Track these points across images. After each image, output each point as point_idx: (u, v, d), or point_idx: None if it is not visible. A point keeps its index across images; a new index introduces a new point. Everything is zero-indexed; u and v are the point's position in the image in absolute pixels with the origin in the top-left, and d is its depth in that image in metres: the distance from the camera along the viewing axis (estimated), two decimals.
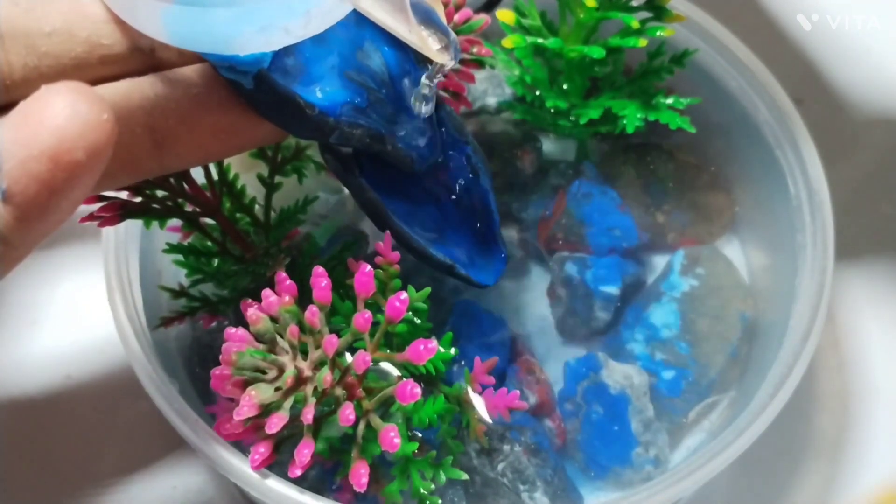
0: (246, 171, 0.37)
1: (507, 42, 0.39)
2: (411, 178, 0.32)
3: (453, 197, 0.33)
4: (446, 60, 0.27)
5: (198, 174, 0.33)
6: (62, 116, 0.20)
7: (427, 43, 0.26)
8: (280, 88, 0.26)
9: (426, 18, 0.26)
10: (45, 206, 0.20)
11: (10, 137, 0.20)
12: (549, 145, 0.43)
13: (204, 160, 0.28)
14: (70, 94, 0.20)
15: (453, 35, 0.27)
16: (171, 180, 0.31)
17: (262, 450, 0.28)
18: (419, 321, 0.32)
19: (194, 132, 0.26)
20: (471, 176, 0.33)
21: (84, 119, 0.20)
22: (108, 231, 0.35)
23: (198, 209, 0.32)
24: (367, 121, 0.28)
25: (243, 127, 0.27)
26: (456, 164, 0.33)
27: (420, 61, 0.29)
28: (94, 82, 0.26)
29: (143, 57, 0.25)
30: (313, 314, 0.28)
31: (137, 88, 0.25)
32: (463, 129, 0.33)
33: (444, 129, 0.33)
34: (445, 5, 0.34)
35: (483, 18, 0.35)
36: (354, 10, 0.24)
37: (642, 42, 0.37)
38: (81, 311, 0.43)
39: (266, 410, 0.27)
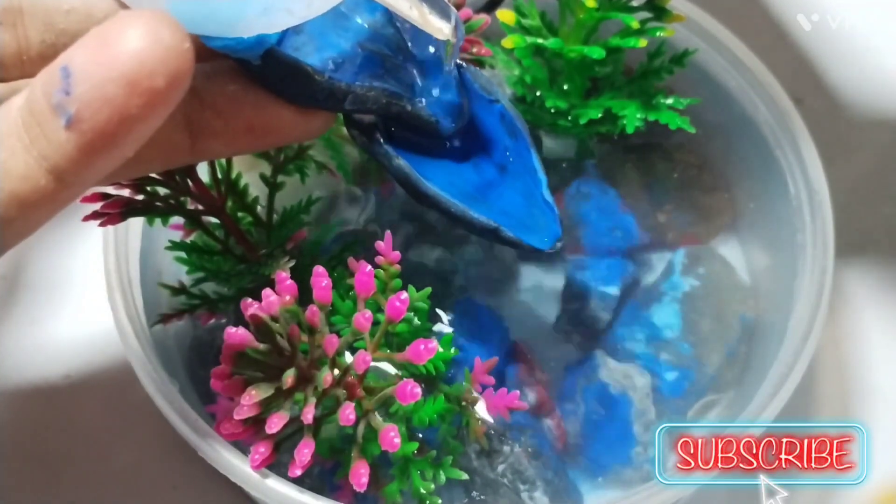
0: (248, 171, 0.37)
1: (507, 42, 0.39)
2: (445, 143, 0.31)
3: (492, 159, 0.32)
4: (448, 37, 0.27)
5: (202, 172, 0.33)
6: (146, 41, 0.19)
7: (428, 20, 0.26)
8: (287, 59, 0.26)
9: None
10: (114, 136, 0.19)
11: (87, 58, 0.19)
12: (549, 145, 0.43)
13: (233, 154, 0.29)
14: (152, 20, 0.19)
15: (454, 10, 0.27)
16: (177, 178, 0.31)
17: (262, 450, 0.28)
18: (419, 321, 0.32)
19: (228, 127, 0.26)
20: (507, 135, 0.32)
21: (167, 45, 0.19)
22: (108, 229, 0.35)
23: (201, 207, 0.32)
24: (381, 83, 0.28)
25: (277, 127, 0.27)
26: (488, 124, 0.32)
27: None
28: None
29: None
30: (313, 314, 0.28)
31: None
32: (492, 88, 0.32)
33: (470, 90, 0.31)
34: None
35: (483, 18, 0.35)
36: None
37: (642, 42, 0.37)
38: (81, 310, 0.43)
39: (266, 410, 0.27)
